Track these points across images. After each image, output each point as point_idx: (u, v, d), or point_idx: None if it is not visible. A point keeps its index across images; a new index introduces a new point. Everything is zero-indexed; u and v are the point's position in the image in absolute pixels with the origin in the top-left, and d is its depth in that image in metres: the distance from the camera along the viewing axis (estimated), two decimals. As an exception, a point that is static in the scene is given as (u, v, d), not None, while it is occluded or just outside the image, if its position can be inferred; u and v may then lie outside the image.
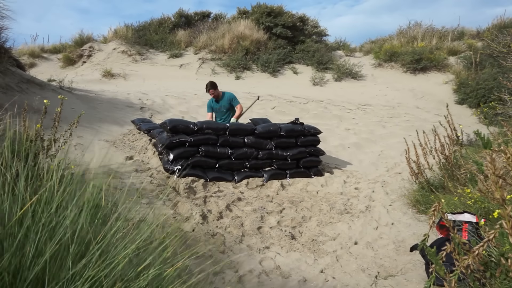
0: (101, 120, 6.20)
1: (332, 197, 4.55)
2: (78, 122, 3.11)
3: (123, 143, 5.40)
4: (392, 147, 6.87)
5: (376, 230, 3.66)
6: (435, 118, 8.53)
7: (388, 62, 14.04)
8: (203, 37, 14.83)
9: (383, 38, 16.20)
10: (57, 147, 2.90)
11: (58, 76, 8.47)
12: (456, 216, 2.69)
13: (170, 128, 4.65)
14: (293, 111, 8.98)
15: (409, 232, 3.49)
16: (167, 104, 8.50)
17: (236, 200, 4.22)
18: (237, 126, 5.03)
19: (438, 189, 3.88)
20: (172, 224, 3.05)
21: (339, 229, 3.70)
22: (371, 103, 10.45)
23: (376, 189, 4.80)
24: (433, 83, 12.30)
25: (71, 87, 7.90)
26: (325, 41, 16.38)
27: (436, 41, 14.40)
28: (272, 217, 3.87)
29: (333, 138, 7.31)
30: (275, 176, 4.99)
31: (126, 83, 11.18)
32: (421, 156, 4.17)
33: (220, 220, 3.67)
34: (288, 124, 5.33)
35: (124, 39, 14.50)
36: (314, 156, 5.34)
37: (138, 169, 4.45)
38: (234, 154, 4.85)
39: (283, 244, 3.32)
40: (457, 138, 4.36)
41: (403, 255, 3.06)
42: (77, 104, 6.81)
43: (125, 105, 7.83)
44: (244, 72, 13.36)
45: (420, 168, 4.06)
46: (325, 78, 13.08)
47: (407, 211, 3.99)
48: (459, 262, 1.46)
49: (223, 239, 3.26)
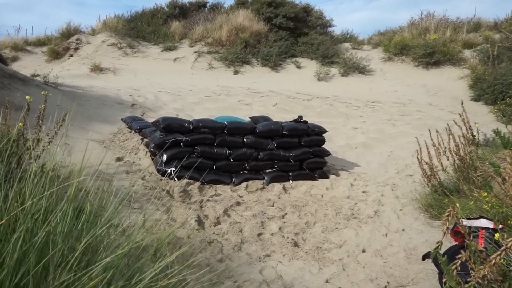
0: (89, 118, 6.20)
1: (338, 201, 4.55)
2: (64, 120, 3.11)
3: (113, 143, 5.39)
4: (402, 147, 6.87)
5: (385, 236, 3.66)
6: (449, 116, 8.52)
7: (399, 55, 14.04)
8: (199, 28, 14.83)
9: (393, 30, 16.19)
10: (41, 147, 2.90)
11: (43, 71, 8.45)
12: (472, 221, 2.69)
13: (164, 127, 4.64)
14: (296, 108, 8.98)
15: (421, 239, 3.49)
16: (160, 101, 8.50)
17: (234, 205, 4.21)
18: (236, 124, 5.03)
19: (452, 193, 3.88)
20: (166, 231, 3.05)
21: (345, 236, 3.70)
22: (380, 100, 10.45)
23: (385, 192, 4.80)
24: (447, 78, 12.29)
25: (57, 82, 7.89)
26: (330, 33, 16.38)
27: (450, 33, 14.39)
28: (274, 223, 3.87)
29: (339, 137, 7.31)
30: (277, 179, 4.98)
31: (116, 78, 11.18)
32: (434, 157, 4.16)
33: (218, 226, 3.66)
34: (291, 123, 5.33)
35: (114, 31, 14.50)
36: (319, 157, 5.34)
37: (128, 170, 4.45)
38: (233, 155, 4.85)
39: (285, 252, 3.32)
40: (473, 137, 4.36)
41: (414, 264, 3.06)
42: (63, 101, 6.81)
43: (115, 102, 7.83)
44: (243, 66, 13.36)
45: (433, 170, 4.06)
46: (331, 73, 13.07)
47: (419, 216, 3.98)
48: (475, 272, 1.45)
49: (220, 247, 3.25)
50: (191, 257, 2.64)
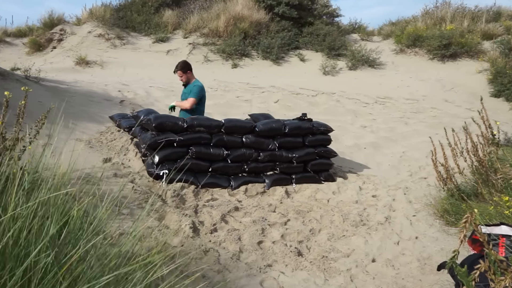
0: (74, 116, 6.20)
1: (346, 207, 4.56)
2: (46, 118, 3.10)
3: (100, 143, 5.40)
4: (416, 148, 6.88)
5: (397, 245, 3.66)
6: (467, 114, 8.53)
7: (412, 47, 14.04)
8: (194, 18, 14.82)
9: (406, 20, 16.19)
10: (21, 147, 2.90)
11: (24, 64, 8.45)
12: (491, 228, 2.69)
13: (155, 126, 4.64)
14: (300, 105, 8.98)
15: (436, 247, 3.49)
16: (151, 97, 8.50)
17: (232, 210, 4.21)
18: (234, 123, 5.03)
19: (470, 197, 3.88)
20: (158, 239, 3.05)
21: (353, 244, 3.70)
22: (392, 95, 10.45)
23: (397, 197, 4.80)
24: (464, 72, 12.29)
25: (39, 77, 7.89)
26: (337, 23, 16.37)
27: (468, 23, 14.39)
28: (275, 230, 3.87)
29: (346, 137, 7.31)
30: (279, 182, 4.99)
31: (104, 72, 11.18)
32: (450, 158, 4.16)
33: (214, 234, 3.67)
34: (294, 121, 5.33)
35: (101, 21, 14.49)
36: (325, 158, 5.34)
37: (117, 173, 4.45)
38: (231, 156, 4.85)
39: (288, 262, 3.32)
40: (492, 137, 4.36)
41: (429, 275, 3.06)
42: (46, 97, 6.81)
43: (102, 98, 7.83)
44: (242, 60, 13.36)
45: (449, 173, 4.06)
46: (338, 66, 13.07)
47: (433, 223, 3.99)
48: (495, 284, 1.45)
49: (217, 256, 3.26)
50: (186, 267, 2.64)
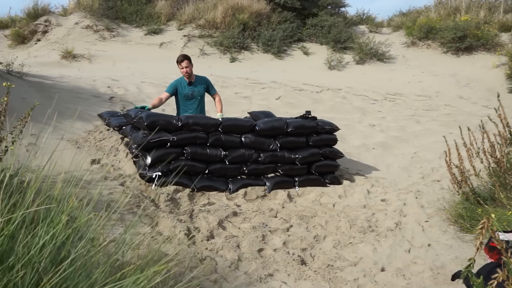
0: (60, 114, 6.19)
1: (353, 211, 4.56)
2: (30, 115, 3.11)
3: (88, 143, 5.40)
4: (428, 148, 6.88)
5: (408, 253, 3.66)
6: (483, 111, 8.53)
7: (424, 40, 14.04)
8: (189, 8, 14.83)
9: (418, 10, 16.21)
10: (3, 148, 2.90)
11: (6, 58, 8.44)
12: (509, 235, 2.69)
13: (147, 124, 4.64)
14: (303, 102, 8.98)
15: (450, 255, 3.49)
16: (143, 93, 8.50)
17: (230, 215, 4.22)
18: (233, 121, 5.03)
19: (486, 201, 3.88)
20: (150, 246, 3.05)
21: (361, 252, 3.71)
22: (402, 92, 10.45)
23: (408, 201, 4.80)
24: (480, 67, 12.29)
25: (22, 71, 7.89)
26: (343, 14, 16.39)
27: (484, 13, 14.40)
28: (277, 237, 3.87)
29: (354, 136, 7.31)
30: (281, 185, 4.99)
31: (92, 67, 11.19)
32: (465, 160, 4.16)
33: (211, 241, 3.67)
34: (297, 119, 5.33)
35: (89, 11, 14.48)
36: (330, 159, 5.34)
37: (107, 176, 4.45)
38: (229, 157, 4.85)
39: (291, 271, 3.33)
40: (511, 136, 4.36)
41: (442, 285, 3.06)
42: (30, 93, 6.81)
43: (91, 95, 7.84)
44: (241, 53, 13.36)
45: (464, 175, 4.05)
46: (344, 60, 13.08)
47: (447, 229, 3.98)
48: (514, 295, 1.45)
49: (214, 265, 3.26)
50: (180, 277, 2.64)
